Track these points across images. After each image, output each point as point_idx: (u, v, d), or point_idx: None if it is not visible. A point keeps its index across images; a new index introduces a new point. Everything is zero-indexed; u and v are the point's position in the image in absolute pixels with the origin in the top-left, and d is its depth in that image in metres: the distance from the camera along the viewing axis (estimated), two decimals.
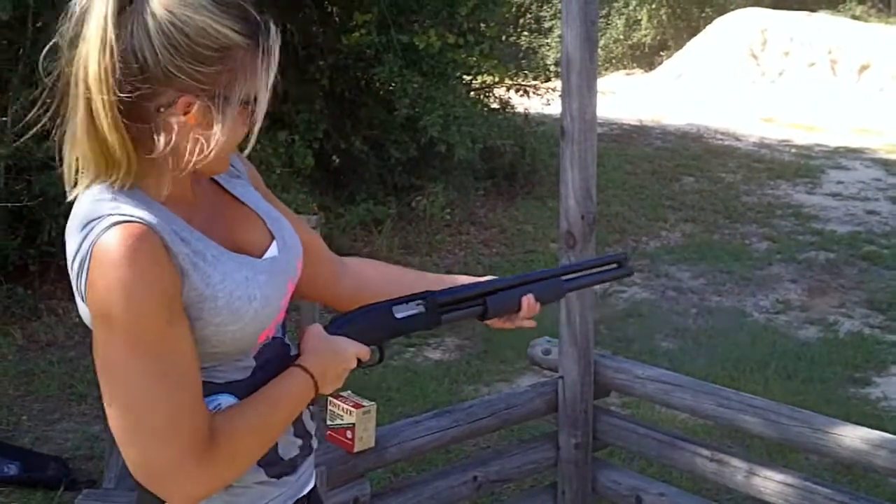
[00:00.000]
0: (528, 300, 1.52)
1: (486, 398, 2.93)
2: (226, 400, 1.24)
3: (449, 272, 6.40)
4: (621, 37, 20.41)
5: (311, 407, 1.42)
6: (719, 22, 17.87)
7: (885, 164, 11.06)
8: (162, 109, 1.17)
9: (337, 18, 6.54)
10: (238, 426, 1.22)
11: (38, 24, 5.11)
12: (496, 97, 8.76)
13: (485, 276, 1.60)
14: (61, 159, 1.21)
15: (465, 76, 7.60)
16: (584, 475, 2.96)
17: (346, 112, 6.85)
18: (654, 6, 20.10)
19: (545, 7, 19.55)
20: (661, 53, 19.81)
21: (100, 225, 1.14)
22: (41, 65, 1.19)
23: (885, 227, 8.35)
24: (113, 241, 1.12)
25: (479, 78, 8.52)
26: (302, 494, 1.44)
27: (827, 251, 7.38)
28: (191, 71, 1.16)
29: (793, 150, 11.74)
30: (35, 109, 1.21)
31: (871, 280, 6.62)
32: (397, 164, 7.21)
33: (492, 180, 8.54)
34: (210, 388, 1.24)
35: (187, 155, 1.20)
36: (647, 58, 20.37)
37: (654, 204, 8.84)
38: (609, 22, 20.62)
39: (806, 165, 10.86)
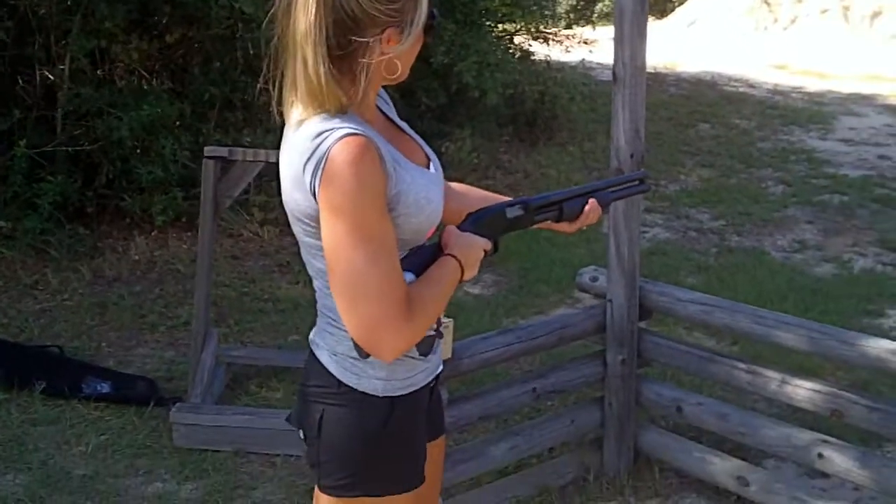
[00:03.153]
0: (592, 203, 1.90)
1: (543, 319, 3.26)
2: (409, 276, 1.58)
3: None
4: None
5: None
6: None
7: None
8: (370, 43, 1.52)
9: None
10: (424, 295, 1.58)
11: None
12: (516, 45, 8.98)
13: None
14: (280, 100, 1.58)
15: (491, 24, 7.81)
16: (629, 388, 3.29)
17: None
18: None
19: None
20: (673, 0, 19.81)
21: (332, 135, 1.49)
22: (263, 33, 1.54)
23: None
24: (345, 148, 1.47)
25: (500, 26, 8.73)
26: (435, 374, 1.80)
27: (840, 194, 7.65)
28: (385, 9, 1.52)
29: (805, 97, 11.93)
30: (265, 68, 1.57)
31: (883, 221, 6.89)
32: (427, 110, 7.47)
33: (514, 126, 8.79)
34: None
35: (387, 74, 1.59)
36: (659, 5, 20.33)
37: (671, 150, 9.08)
38: None
39: (818, 112, 11.06)
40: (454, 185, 1.98)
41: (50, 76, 5.79)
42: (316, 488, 1.77)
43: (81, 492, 3.22)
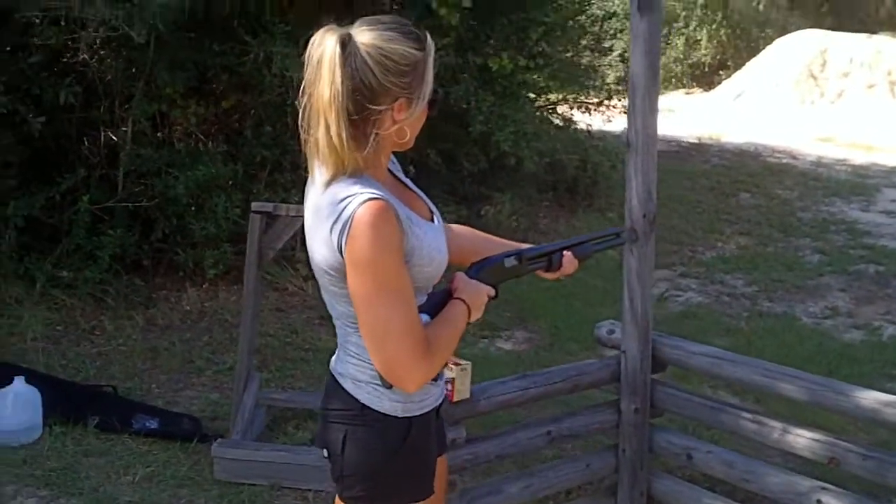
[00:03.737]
0: (567, 256, 2.17)
1: (561, 366, 3.46)
2: (425, 317, 1.83)
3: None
4: (681, 56, 20.66)
5: None
6: (779, 42, 18.10)
7: None
8: (381, 113, 1.78)
9: None
10: (440, 335, 1.85)
11: (156, 46, 5.78)
12: (559, 114, 9.29)
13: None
14: (306, 163, 1.87)
15: (532, 95, 8.14)
16: (641, 436, 3.46)
17: (423, 127, 7.44)
18: (713, 27, 20.37)
19: (605, 26, 19.96)
20: (721, 73, 20.04)
21: (355, 200, 1.75)
22: (298, 103, 1.81)
23: None
24: (367, 212, 1.74)
25: (543, 96, 9.07)
26: (441, 398, 2.05)
27: (877, 264, 7.74)
28: (398, 82, 1.79)
29: (849, 169, 12.02)
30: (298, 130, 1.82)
31: None
32: (468, 175, 7.78)
33: (554, 192, 9.06)
34: None
35: (397, 139, 1.86)
36: (706, 77, 20.59)
37: (711, 218, 9.25)
38: (669, 42, 20.88)
39: (861, 184, 11.15)
40: (455, 227, 2.24)
41: (113, 137, 6.20)
42: (336, 498, 2.01)
43: None
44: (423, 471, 1.99)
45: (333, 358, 2.02)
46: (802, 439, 3.04)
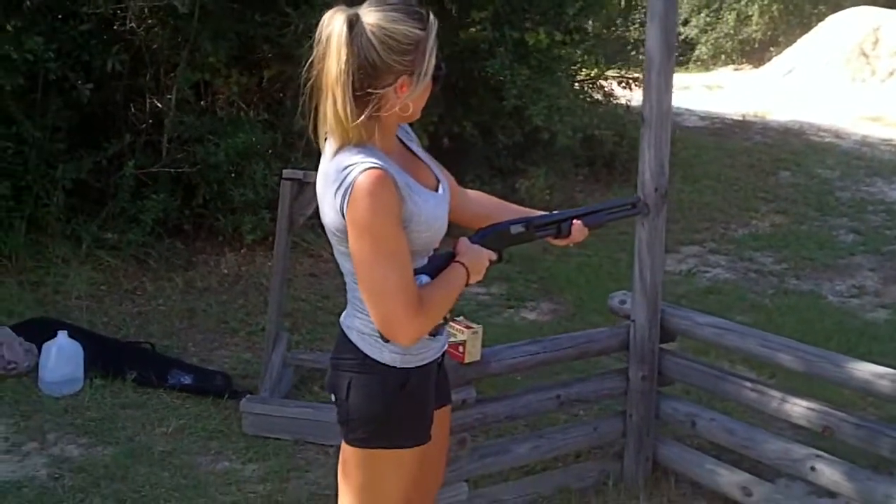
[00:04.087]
0: (577, 224, 2.27)
1: (571, 333, 3.60)
2: (424, 279, 2.00)
3: (545, 248, 7.06)
4: (731, 31, 20.45)
5: None
6: (831, 19, 17.82)
7: None
8: (387, 88, 1.93)
9: (455, 14, 7.26)
10: (434, 294, 2.01)
11: (200, 17, 5.97)
12: (599, 88, 9.35)
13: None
14: (315, 133, 2.00)
15: (569, 70, 8.22)
16: (648, 403, 3.59)
17: (458, 99, 7.56)
18: (766, 1, 20.11)
19: (644, 2, 19.79)
20: (771, 49, 19.79)
21: (356, 169, 1.91)
22: (303, 74, 1.96)
23: None
24: (366, 180, 1.90)
25: (583, 71, 9.13)
26: (441, 352, 2.22)
27: None
28: (401, 60, 1.94)
29: (893, 150, 11.88)
30: (302, 102, 1.98)
31: None
32: (503, 148, 7.90)
33: (591, 167, 9.13)
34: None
35: (401, 113, 1.99)
36: (756, 53, 20.35)
37: (747, 195, 9.23)
38: (720, 17, 20.68)
39: None
40: (471, 192, 2.38)
41: (158, 104, 6.42)
42: (342, 442, 2.18)
43: (160, 465, 3.69)
44: (420, 418, 2.15)
45: (344, 313, 2.19)
46: (799, 408, 3.16)
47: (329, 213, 1.99)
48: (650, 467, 3.63)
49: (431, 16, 2.01)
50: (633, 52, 10.72)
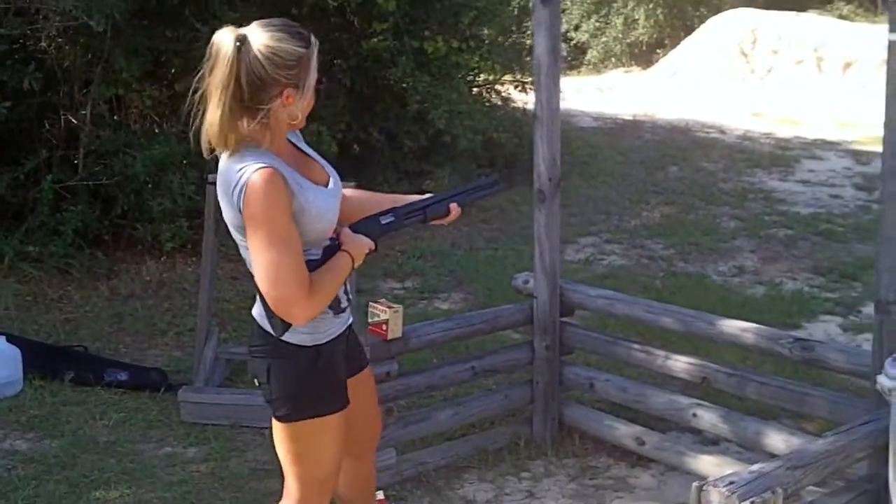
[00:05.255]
0: (454, 205, 2.62)
1: (481, 311, 4.01)
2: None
3: (453, 244, 7.50)
4: (620, 35, 21.24)
5: (347, 283, 2.50)
6: (712, 21, 18.75)
7: (857, 155, 11.93)
8: (273, 99, 2.22)
9: (357, 26, 7.64)
10: (323, 279, 2.31)
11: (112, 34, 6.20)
12: (497, 93, 9.84)
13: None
14: (198, 141, 2.28)
15: (467, 76, 8.69)
16: (552, 370, 4.02)
17: (365, 107, 7.94)
18: (651, 5, 20.92)
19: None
20: (658, 51, 20.65)
21: (249, 169, 2.20)
22: (193, 84, 2.26)
23: (844, 209, 9.33)
24: (258, 178, 2.18)
25: (482, 76, 9.62)
26: (347, 325, 2.54)
27: (787, 228, 8.39)
28: (286, 74, 2.24)
29: (773, 143, 12.69)
30: (191, 103, 2.26)
31: (820, 251, 7.63)
32: (409, 152, 8.31)
33: (493, 167, 9.60)
34: None
35: (289, 121, 2.29)
36: (644, 56, 21.15)
37: (638, 189, 9.82)
38: (608, 21, 21.44)
39: (783, 156, 11.79)
40: (348, 192, 2.66)
41: (73, 120, 6.62)
42: (272, 419, 2.50)
43: (106, 452, 3.96)
44: (335, 387, 2.46)
45: (255, 305, 2.45)
46: (680, 364, 3.64)
47: (228, 211, 2.26)
48: (556, 427, 4.07)
49: (312, 36, 2.30)
50: (528, 58, 11.23)
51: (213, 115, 2.20)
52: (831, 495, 2.86)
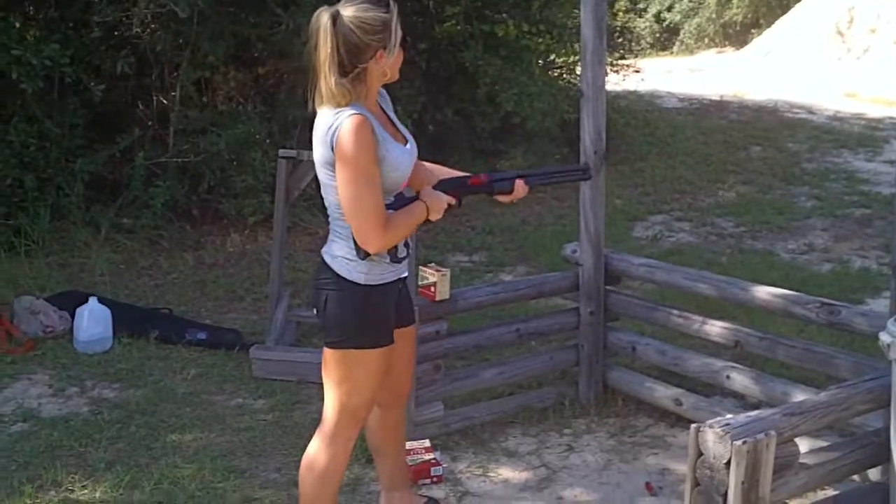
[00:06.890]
0: (518, 183, 2.89)
1: (528, 277, 4.23)
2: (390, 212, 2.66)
3: (523, 221, 7.70)
4: (713, 15, 20.96)
5: (409, 238, 2.80)
6: (809, 0, 18.36)
7: None
8: (368, 60, 2.60)
9: (432, 10, 7.90)
10: (398, 217, 2.67)
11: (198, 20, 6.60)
12: (575, 75, 9.96)
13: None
14: (313, 103, 2.65)
15: (540, 58, 8.87)
16: (597, 335, 4.22)
17: (440, 88, 8.21)
18: None
19: None
20: (752, 31, 20.32)
21: (343, 114, 2.57)
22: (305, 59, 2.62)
23: None
24: (351, 123, 2.56)
25: (561, 59, 9.76)
26: (402, 276, 2.83)
27: (865, 208, 8.30)
28: (376, 38, 2.61)
29: (864, 123, 12.43)
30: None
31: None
32: (483, 132, 8.54)
33: (570, 147, 9.75)
34: None
35: (380, 77, 2.66)
36: (739, 36, 20.84)
37: (717, 169, 9.80)
38: (702, 1, 21.19)
39: (872, 136, 11.56)
40: (428, 164, 3.00)
41: (164, 101, 7.07)
42: (324, 346, 2.81)
43: (183, 402, 4.33)
44: (381, 326, 2.78)
45: (325, 245, 2.80)
46: (715, 328, 3.79)
47: (320, 148, 2.63)
48: (600, 389, 4.26)
49: (391, 1, 2.66)
50: (620, 39, 11.29)
51: (320, 80, 2.57)
52: (837, 447, 2.99)
